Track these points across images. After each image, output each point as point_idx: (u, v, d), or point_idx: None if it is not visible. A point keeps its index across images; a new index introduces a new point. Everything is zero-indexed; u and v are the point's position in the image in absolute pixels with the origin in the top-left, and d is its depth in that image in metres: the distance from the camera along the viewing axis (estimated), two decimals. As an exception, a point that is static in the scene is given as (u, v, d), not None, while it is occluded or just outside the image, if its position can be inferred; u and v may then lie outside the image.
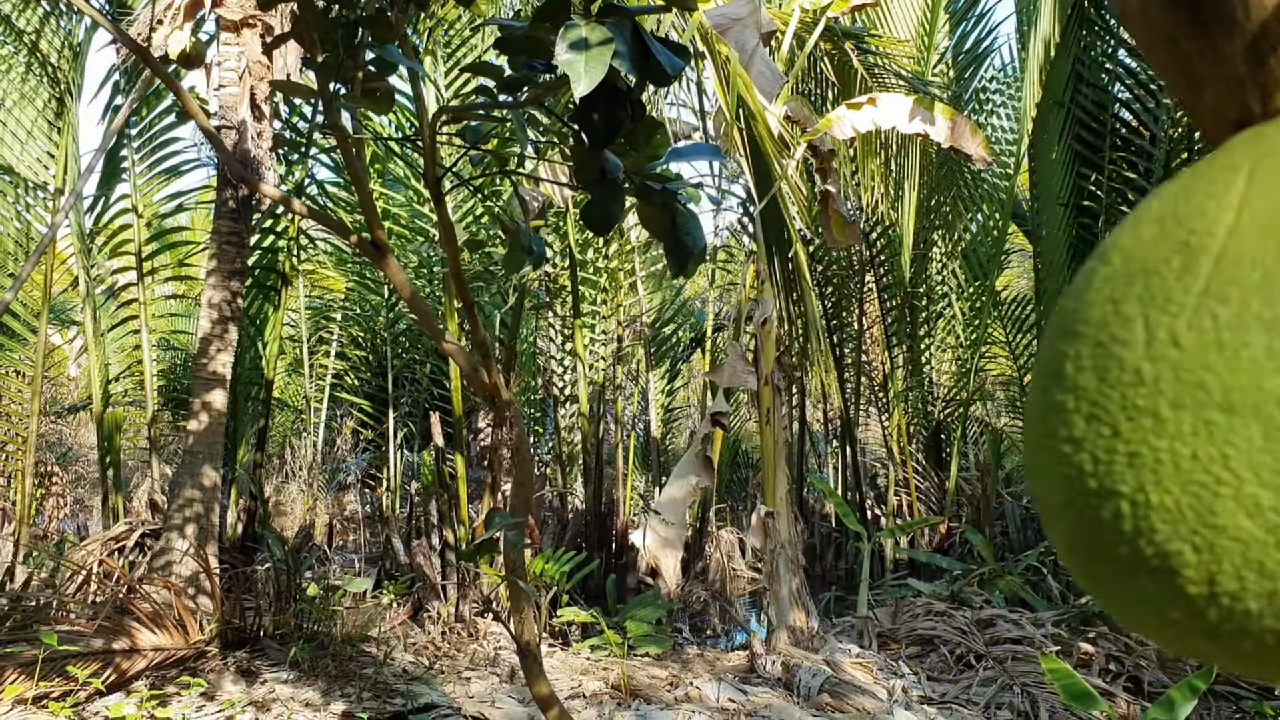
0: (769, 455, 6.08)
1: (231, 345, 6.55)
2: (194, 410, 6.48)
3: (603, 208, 1.97)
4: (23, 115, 8.12)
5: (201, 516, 6.39)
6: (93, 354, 8.39)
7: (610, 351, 9.12)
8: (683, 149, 1.94)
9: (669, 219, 1.97)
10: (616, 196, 1.96)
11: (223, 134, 6.32)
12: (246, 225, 6.47)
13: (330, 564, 8.47)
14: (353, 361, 9.99)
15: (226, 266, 6.46)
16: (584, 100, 1.78)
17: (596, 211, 1.98)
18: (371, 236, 3.22)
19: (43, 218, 8.26)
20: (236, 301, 6.54)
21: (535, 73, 2.02)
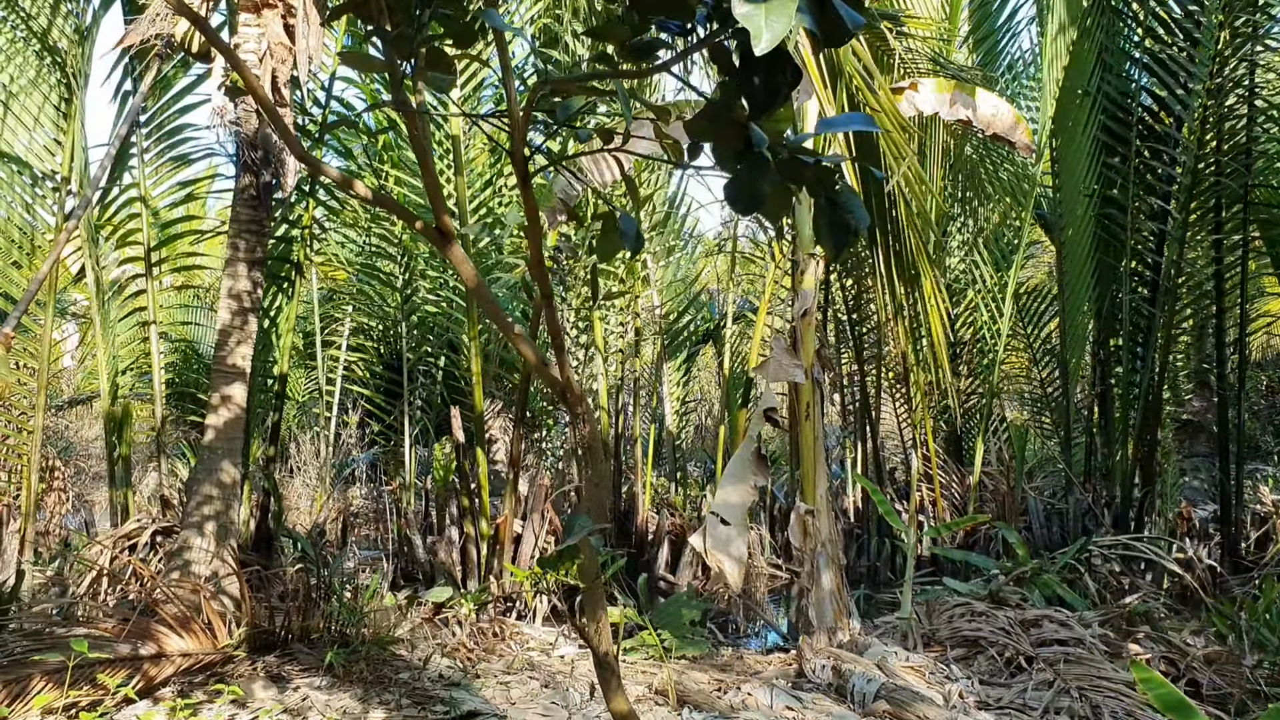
0: (808, 451, 5.91)
1: (251, 337, 6.34)
2: (213, 404, 6.27)
3: (749, 185, 1.78)
4: (30, 102, 7.88)
5: (221, 514, 6.19)
6: (101, 346, 8.16)
7: (628, 344, 8.93)
8: (834, 120, 1.75)
9: (823, 196, 1.79)
10: (764, 172, 1.77)
11: (243, 119, 6.11)
12: (267, 213, 6.26)
13: (344, 560, 8.27)
14: (363, 354, 9.78)
15: (246, 256, 6.24)
16: (744, 62, 1.60)
17: (743, 189, 1.79)
18: (437, 222, 3.03)
19: (50, 207, 8.03)
20: (256, 292, 6.33)
21: (671, 34, 1.84)
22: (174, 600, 4.94)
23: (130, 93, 8.46)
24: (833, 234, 1.78)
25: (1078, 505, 8.84)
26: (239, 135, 6.06)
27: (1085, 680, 5.06)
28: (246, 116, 6.11)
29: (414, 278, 8.83)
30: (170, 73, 8.50)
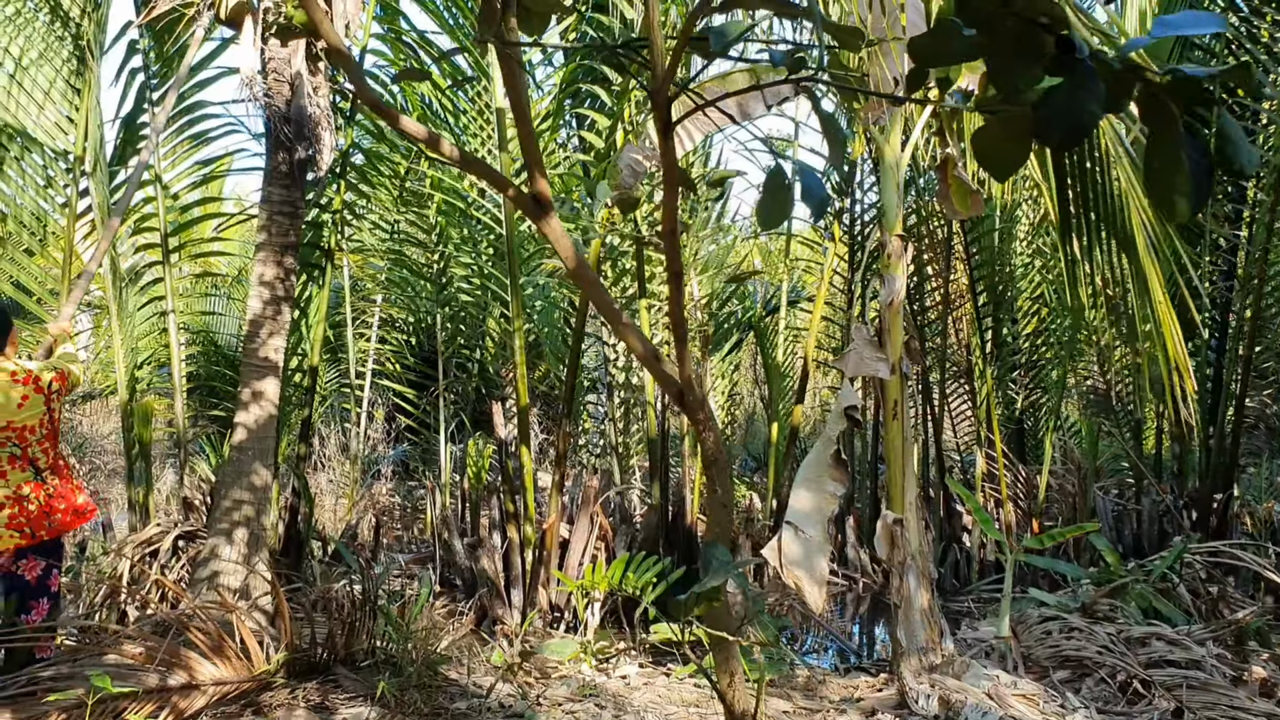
0: (896, 455, 5.38)
1: (284, 328, 5.84)
2: (242, 401, 5.77)
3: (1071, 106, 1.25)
4: (40, 76, 7.38)
5: (252, 520, 5.69)
6: (118, 337, 7.66)
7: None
8: (1174, 19, 1.24)
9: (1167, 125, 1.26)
10: (1091, 85, 1.24)
11: (274, 90, 5.59)
12: (301, 193, 5.75)
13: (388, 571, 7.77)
14: (393, 345, 9.27)
15: (279, 240, 5.74)
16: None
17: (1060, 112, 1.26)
18: (531, 189, 2.51)
19: (62, 189, 7.53)
20: (290, 280, 5.83)
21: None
22: (205, 620, 4.44)
23: (134, 71, 7.96)
24: (1195, 180, 1.25)
25: (1154, 507, 8.30)
26: (270, 107, 5.54)
27: (1217, 711, 4.54)
28: (278, 87, 5.59)
29: (447, 265, 8.32)
30: (182, 45, 7.99)
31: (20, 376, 3.81)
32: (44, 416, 3.87)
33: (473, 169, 2.50)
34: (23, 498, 3.74)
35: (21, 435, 3.78)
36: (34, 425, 3.82)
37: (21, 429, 3.77)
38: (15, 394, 3.77)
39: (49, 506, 3.81)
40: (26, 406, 3.79)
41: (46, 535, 3.80)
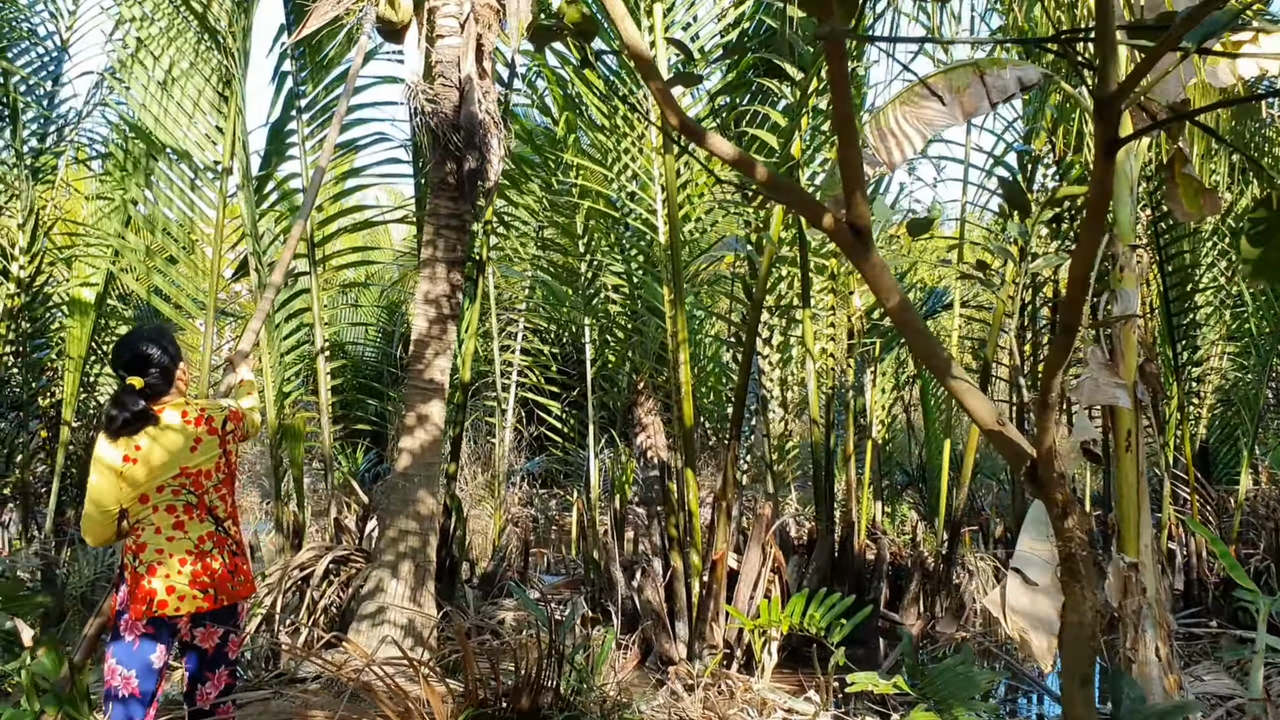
0: (1129, 490, 4.80)
1: (451, 347, 5.52)
2: (407, 425, 5.47)
3: None
4: (190, 86, 7.23)
5: (418, 552, 5.39)
6: (266, 350, 7.47)
7: (839, 347, 7.90)
8: None
9: None
10: None
11: (441, 96, 5.26)
12: (471, 205, 5.42)
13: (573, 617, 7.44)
14: (537, 357, 8.95)
15: (445, 255, 5.41)
16: None
17: None
18: (849, 217, 2.07)
19: (209, 198, 7.38)
20: (456, 296, 5.50)
21: None
22: (385, 678, 4.10)
23: (284, 74, 7.77)
24: None
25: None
26: (437, 115, 5.21)
27: None
28: (445, 92, 5.27)
29: (597, 274, 7.95)
30: (332, 53, 7.77)
31: (192, 417, 3.45)
32: (220, 460, 3.50)
33: (784, 195, 2.08)
34: (205, 553, 3.38)
35: (197, 482, 3.42)
36: (209, 470, 3.45)
37: (196, 474, 3.41)
38: (187, 435, 3.42)
39: (233, 566, 3.45)
40: (200, 450, 3.43)
41: (226, 601, 3.43)
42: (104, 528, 3.36)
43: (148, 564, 3.32)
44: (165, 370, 3.42)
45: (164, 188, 7.47)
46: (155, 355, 3.39)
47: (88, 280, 8.26)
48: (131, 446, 3.32)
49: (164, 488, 3.36)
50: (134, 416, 3.30)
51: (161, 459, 3.35)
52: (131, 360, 3.38)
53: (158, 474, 3.34)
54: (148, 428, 3.34)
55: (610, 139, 7.52)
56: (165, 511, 3.37)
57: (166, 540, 3.35)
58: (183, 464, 3.38)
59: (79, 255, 8.31)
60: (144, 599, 3.29)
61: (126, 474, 3.31)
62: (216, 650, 3.43)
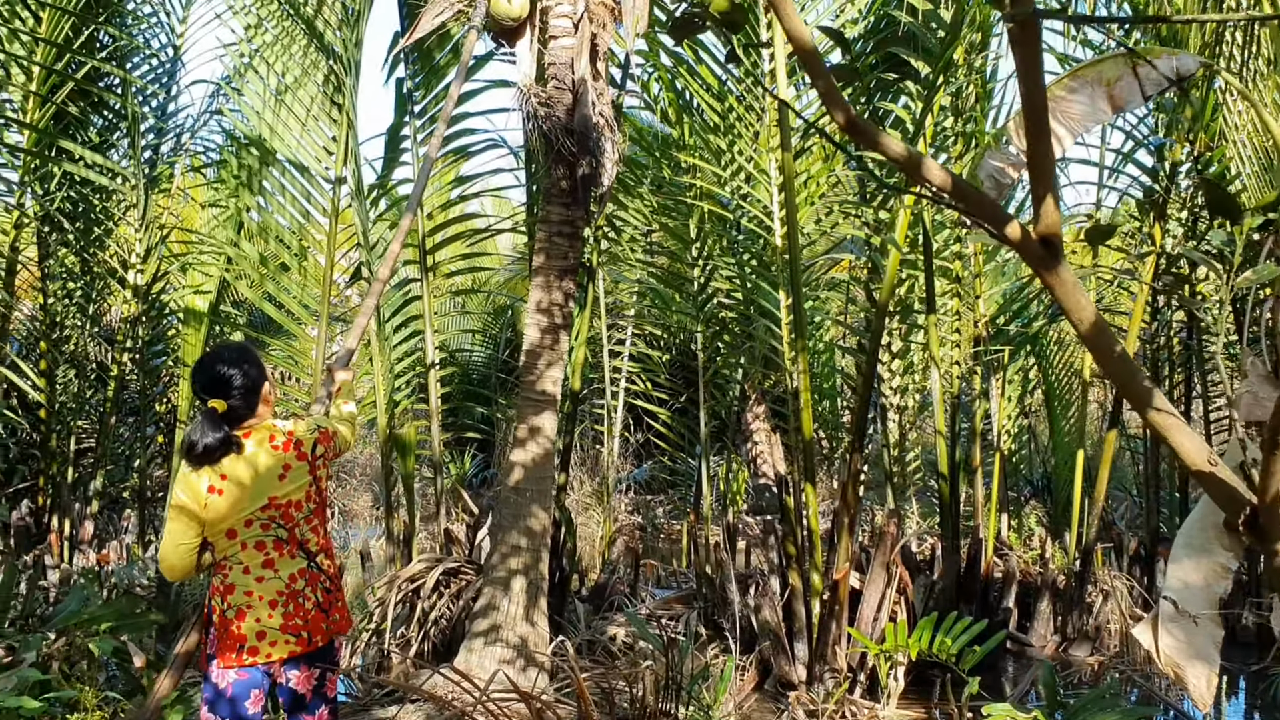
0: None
1: (563, 358, 5.36)
2: (519, 437, 5.32)
3: None
4: (303, 94, 7.22)
5: (530, 568, 5.23)
6: (377, 358, 7.43)
7: (964, 354, 7.52)
8: None
9: None
10: None
11: (554, 99, 5.10)
12: (585, 211, 5.24)
13: (641, 605, 7.25)
14: (646, 364, 8.76)
15: (557, 263, 5.25)
16: None
17: None
18: (1039, 228, 1.80)
19: (322, 206, 7.36)
20: (569, 305, 5.33)
21: None
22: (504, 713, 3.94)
23: (399, 81, 7.73)
24: None
25: None
26: (550, 119, 5.05)
27: None
28: (558, 95, 5.10)
29: (710, 279, 7.72)
30: (442, 61, 7.70)
31: (279, 442, 3.17)
32: (310, 489, 3.21)
33: (966, 200, 1.83)
34: (297, 593, 3.14)
35: (286, 513, 3.14)
36: (299, 501, 3.17)
37: (286, 506, 3.13)
38: (274, 462, 3.13)
39: (327, 604, 3.20)
40: (289, 478, 3.15)
41: (321, 641, 3.23)
42: (184, 562, 3.09)
43: (236, 608, 3.10)
44: (249, 392, 3.15)
45: (276, 194, 7.49)
46: (237, 376, 3.12)
47: (201, 288, 8.35)
48: (216, 476, 3.06)
49: (252, 521, 3.11)
50: (216, 444, 3.04)
51: (248, 489, 3.09)
52: (211, 382, 3.12)
53: (244, 506, 3.09)
54: (231, 455, 3.08)
55: (723, 138, 7.30)
56: (254, 549, 3.12)
57: (256, 581, 3.11)
58: (271, 494, 3.12)
59: (192, 263, 8.41)
60: (233, 645, 3.09)
61: (211, 506, 3.05)
62: (315, 691, 3.24)
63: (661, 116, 7.72)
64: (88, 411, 8.44)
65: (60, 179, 7.57)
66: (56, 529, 7.53)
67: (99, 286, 8.18)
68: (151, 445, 9.11)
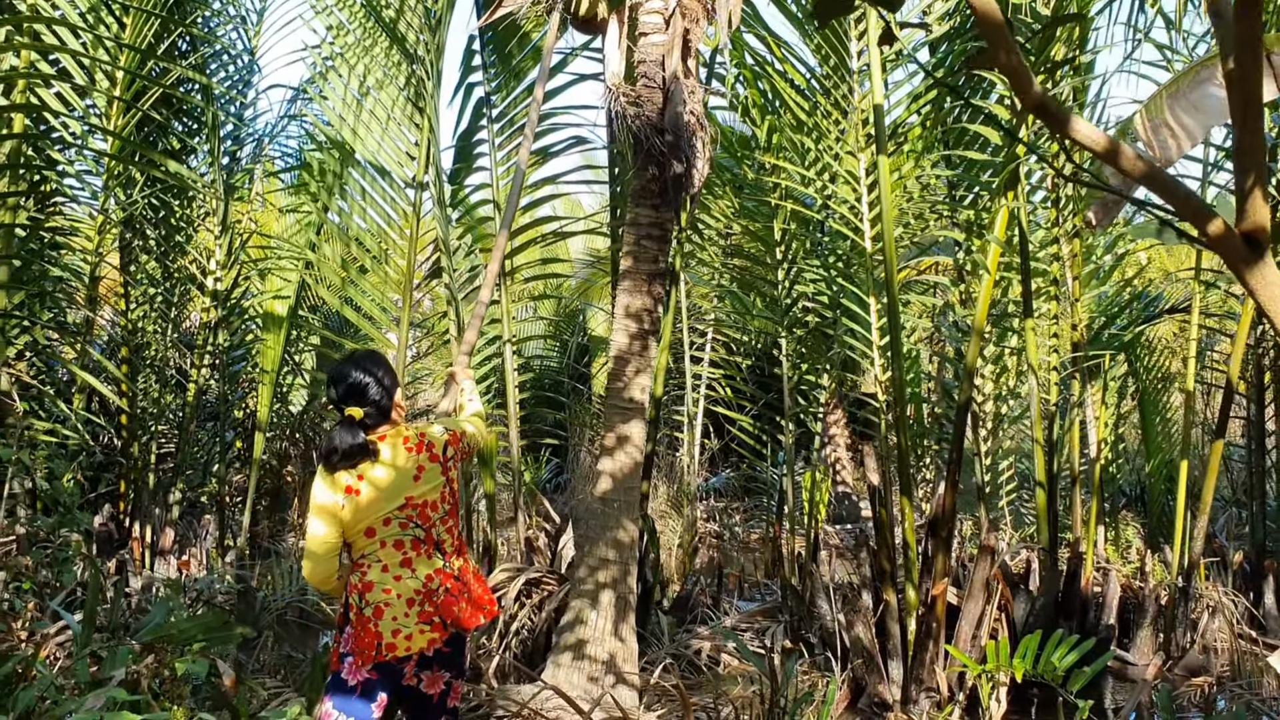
0: None
1: (652, 364, 5.20)
2: (606, 446, 5.16)
3: None
4: (383, 96, 7.15)
5: (619, 582, 5.07)
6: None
7: (1061, 360, 7.21)
8: None
9: None
10: None
11: (643, 97, 4.94)
12: (675, 213, 5.07)
13: (725, 618, 7.06)
14: (726, 369, 8.57)
15: (646, 267, 5.09)
16: None
17: None
18: (1246, 223, 1.59)
19: (404, 210, 7.28)
20: (658, 310, 5.17)
21: None
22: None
23: (470, 86, 7.62)
24: None
25: None
26: (639, 117, 4.89)
27: None
28: (648, 93, 4.95)
29: (795, 283, 7.51)
30: (519, 63, 7.59)
31: (412, 444, 3.24)
32: (444, 489, 3.26)
33: (1165, 191, 1.62)
34: (433, 592, 3.17)
35: (423, 513, 3.20)
36: (435, 501, 3.22)
37: (422, 506, 3.19)
38: (409, 464, 3.20)
39: (456, 590, 3.22)
40: (424, 478, 3.21)
41: (454, 627, 3.19)
42: (326, 564, 3.20)
43: (374, 605, 3.13)
44: (384, 398, 3.25)
45: (357, 198, 7.43)
46: (372, 384, 3.22)
47: (280, 293, 8.34)
48: (354, 477, 3.15)
49: (390, 520, 3.18)
50: (354, 449, 3.13)
51: (385, 489, 3.17)
52: (349, 390, 3.22)
53: (382, 505, 3.16)
54: (368, 461, 3.17)
55: (810, 137, 7.09)
56: (393, 547, 3.19)
57: (394, 580, 3.16)
58: (407, 493, 3.18)
59: (272, 268, 8.40)
60: (371, 643, 3.11)
61: (349, 506, 3.14)
62: (440, 697, 3.22)
63: (743, 115, 7.54)
64: (168, 417, 8.46)
65: (142, 185, 7.59)
66: (138, 535, 7.54)
67: (179, 292, 8.19)
68: (230, 451, 9.12)
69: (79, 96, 6.75)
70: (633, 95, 4.92)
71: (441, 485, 3.27)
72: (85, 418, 6.33)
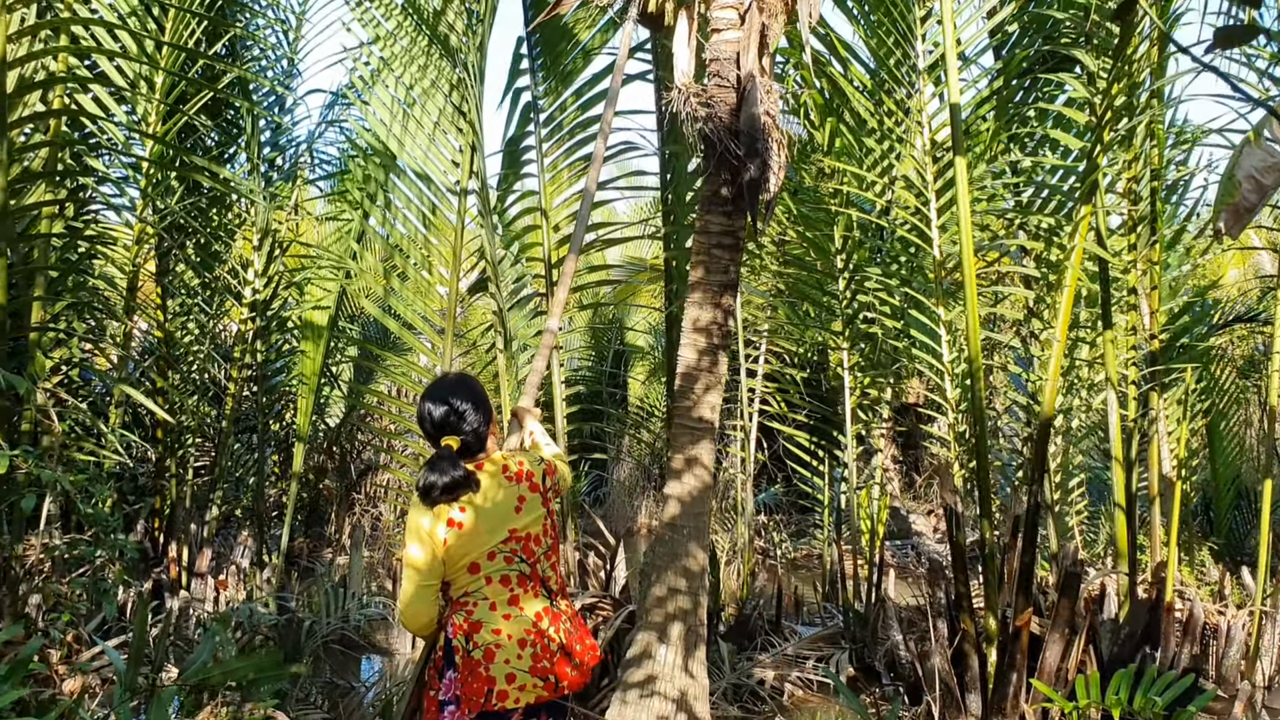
0: None
1: (721, 382, 4.89)
2: (674, 468, 4.86)
3: None
4: (429, 104, 6.88)
5: (688, 613, 4.76)
6: (504, 380, 7.07)
7: (1142, 374, 6.86)
8: None
9: None
10: None
11: (715, 98, 4.65)
12: (746, 221, 4.77)
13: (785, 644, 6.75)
14: (780, 382, 8.26)
15: (718, 278, 4.79)
16: None
17: None
18: None
19: (448, 219, 7.02)
20: (728, 323, 4.87)
21: None
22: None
23: (518, 91, 7.37)
24: None
25: None
26: (711, 119, 4.60)
27: None
28: (720, 94, 4.65)
29: (856, 294, 7.19)
30: (569, 66, 7.32)
31: (511, 473, 3.02)
32: (545, 521, 3.05)
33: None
34: (543, 633, 2.94)
35: (526, 547, 2.98)
36: (537, 534, 3.01)
37: (525, 539, 2.98)
38: (510, 494, 2.98)
39: (569, 646, 2.99)
40: (525, 509, 2.99)
41: (568, 688, 2.96)
42: (429, 607, 2.97)
43: (484, 647, 2.89)
44: (480, 427, 3.04)
45: (402, 206, 7.18)
46: (469, 413, 3.01)
47: (320, 303, 8.09)
48: (456, 508, 2.93)
49: (495, 554, 2.95)
50: (455, 483, 2.90)
51: (489, 521, 2.95)
52: (444, 420, 3.00)
53: (485, 539, 2.94)
54: (469, 492, 2.95)
55: (872, 138, 6.80)
56: (499, 583, 2.97)
57: (503, 619, 2.93)
58: (510, 525, 2.97)
59: (311, 278, 8.15)
60: (481, 690, 2.87)
61: (452, 538, 2.91)
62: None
63: (802, 117, 7.23)
64: (204, 431, 8.22)
65: (181, 193, 7.36)
66: (174, 555, 7.29)
67: (217, 302, 7.95)
68: (266, 464, 8.87)
69: (117, 102, 6.53)
70: (704, 96, 4.63)
71: (543, 517, 3.05)
72: (123, 436, 6.08)
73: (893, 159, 6.74)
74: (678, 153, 6.81)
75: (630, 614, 6.09)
